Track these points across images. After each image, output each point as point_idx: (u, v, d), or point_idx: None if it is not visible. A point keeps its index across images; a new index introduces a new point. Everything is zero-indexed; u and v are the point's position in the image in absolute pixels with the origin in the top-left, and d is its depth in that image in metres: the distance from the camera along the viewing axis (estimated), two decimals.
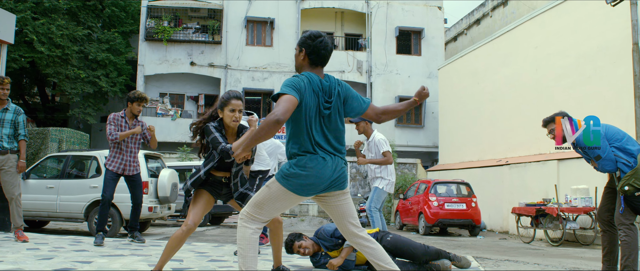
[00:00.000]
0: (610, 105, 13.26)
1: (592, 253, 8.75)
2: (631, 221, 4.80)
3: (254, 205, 3.48)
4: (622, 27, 12.83)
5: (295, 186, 3.37)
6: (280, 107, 3.13)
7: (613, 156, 4.79)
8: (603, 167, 4.87)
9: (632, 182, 4.67)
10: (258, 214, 3.46)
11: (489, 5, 30.92)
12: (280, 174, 3.40)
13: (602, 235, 5.06)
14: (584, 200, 12.06)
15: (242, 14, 24.88)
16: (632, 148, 4.81)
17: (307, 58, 3.53)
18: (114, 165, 7.37)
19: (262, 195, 3.46)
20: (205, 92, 25.35)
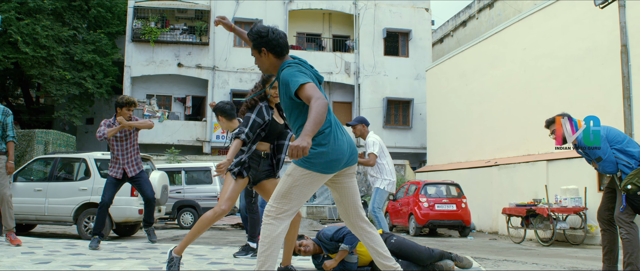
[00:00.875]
0: (598, 106, 13.36)
1: (585, 253, 8.81)
2: (631, 219, 4.84)
3: (279, 197, 3.39)
4: (610, 29, 12.95)
5: (320, 166, 3.35)
6: (316, 92, 3.16)
7: (614, 158, 4.82)
8: (604, 169, 4.90)
9: (635, 181, 4.71)
10: (286, 206, 3.38)
11: (475, 7, 31.11)
12: (303, 161, 3.34)
13: (603, 234, 5.09)
14: (574, 200, 12.16)
15: (229, 15, 24.74)
16: (633, 150, 4.85)
17: (271, 54, 3.50)
18: (113, 171, 7.27)
19: (286, 185, 3.38)
20: (192, 94, 25.20)
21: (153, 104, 24.18)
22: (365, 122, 7.29)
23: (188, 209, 15.19)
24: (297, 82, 3.23)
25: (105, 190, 7.19)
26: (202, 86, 25.06)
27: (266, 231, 3.38)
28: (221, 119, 6.13)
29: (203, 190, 15.42)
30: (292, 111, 3.48)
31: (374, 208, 7.06)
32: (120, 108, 7.25)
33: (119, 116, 7.17)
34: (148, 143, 22.66)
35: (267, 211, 3.41)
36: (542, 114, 15.53)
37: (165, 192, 12.25)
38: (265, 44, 3.49)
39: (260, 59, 3.58)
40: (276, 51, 3.51)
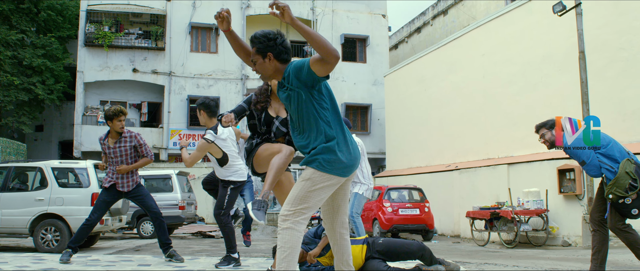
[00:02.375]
0: (556, 111, 13.65)
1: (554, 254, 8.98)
2: (624, 224, 4.93)
3: (298, 201, 3.28)
4: (567, 36, 13.31)
5: (340, 170, 3.32)
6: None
7: (597, 162, 4.90)
8: (588, 172, 4.98)
9: (613, 191, 4.80)
10: (305, 210, 3.29)
11: (429, 14, 31.60)
12: (320, 161, 3.28)
13: (593, 235, 5.15)
14: (536, 203, 12.40)
15: (186, 20, 24.34)
16: (616, 154, 4.93)
17: (277, 60, 3.41)
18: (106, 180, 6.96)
19: (303, 189, 3.28)
20: (148, 100, 24.58)
21: None
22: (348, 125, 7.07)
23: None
24: (308, 59, 3.21)
25: (95, 209, 6.84)
26: (158, 92, 24.49)
27: (286, 236, 3.25)
28: (203, 114, 6.08)
29: (163, 198, 14.99)
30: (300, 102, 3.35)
31: (353, 214, 6.97)
32: (110, 121, 6.91)
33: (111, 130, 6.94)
34: None
35: (285, 216, 3.29)
36: (501, 118, 15.94)
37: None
38: (273, 49, 3.39)
39: (263, 65, 3.43)
40: (282, 58, 3.43)
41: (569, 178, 12.52)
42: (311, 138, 3.37)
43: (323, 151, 3.31)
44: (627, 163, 4.85)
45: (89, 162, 11.22)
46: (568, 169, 12.49)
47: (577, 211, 12.11)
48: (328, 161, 3.29)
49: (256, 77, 24.86)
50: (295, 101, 3.37)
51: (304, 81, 3.28)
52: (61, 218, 10.05)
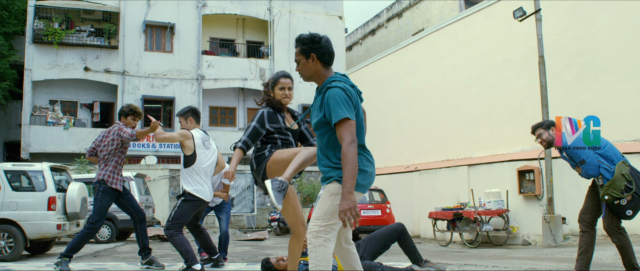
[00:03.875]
0: (515, 113, 14.04)
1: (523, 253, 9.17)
2: (619, 227, 5.04)
3: (328, 217, 3.22)
4: (525, 40, 13.64)
5: (365, 187, 3.32)
6: (350, 134, 3.15)
7: (596, 162, 5.01)
8: (587, 171, 5.06)
9: (610, 192, 4.92)
10: (335, 225, 3.24)
11: (384, 16, 31.93)
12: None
13: (581, 235, 5.25)
14: (497, 203, 12.65)
15: (140, 18, 23.73)
16: (613, 156, 5.06)
17: (320, 62, 3.40)
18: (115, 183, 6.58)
19: (333, 207, 3.22)
20: (100, 100, 23.84)
21: (57, 111, 22.62)
22: None
23: (105, 223, 14.26)
24: (339, 115, 3.18)
25: (102, 212, 6.48)
26: (111, 92, 23.79)
27: (320, 253, 3.18)
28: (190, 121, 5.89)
29: None
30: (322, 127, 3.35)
31: None
32: (124, 117, 6.68)
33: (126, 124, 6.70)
34: (52, 152, 21.18)
35: (315, 232, 3.21)
36: (460, 120, 16.21)
37: (85, 205, 11.44)
38: (316, 50, 3.38)
39: (306, 65, 3.43)
40: (325, 59, 3.41)
41: (528, 179, 12.82)
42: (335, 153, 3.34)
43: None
44: (623, 165, 4.98)
45: (45, 164, 10.75)
46: (527, 170, 12.79)
47: (537, 211, 12.42)
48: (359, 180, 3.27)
49: (212, 77, 24.52)
50: (316, 109, 3.38)
51: (326, 114, 3.31)
52: (15, 223, 9.58)
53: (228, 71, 25.02)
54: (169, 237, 5.72)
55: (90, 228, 6.34)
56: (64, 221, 10.60)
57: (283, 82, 4.50)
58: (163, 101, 24.03)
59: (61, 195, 10.59)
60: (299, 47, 3.44)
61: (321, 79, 3.43)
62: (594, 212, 5.24)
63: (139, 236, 6.66)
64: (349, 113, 3.18)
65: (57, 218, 10.37)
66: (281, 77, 4.53)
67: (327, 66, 3.44)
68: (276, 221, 19.45)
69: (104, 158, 6.59)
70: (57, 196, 10.43)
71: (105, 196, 6.47)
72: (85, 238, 6.36)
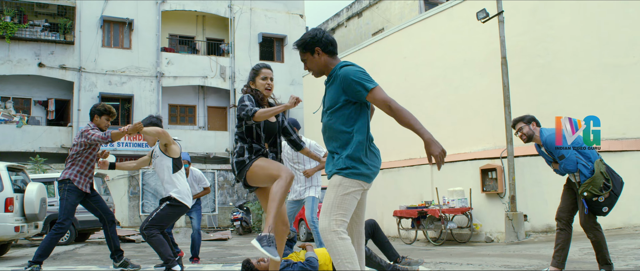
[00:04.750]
0: (477, 113, 14.30)
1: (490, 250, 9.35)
2: (595, 223, 5.18)
3: (336, 209, 3.22)
4: (487, 42, 13.90)
5: (370, 178, 3.37)
6: (387, 95, 3.28)
7: (575, 158, 5.14)
8: (565, 166, 5.16)
9: (589, 189, 5.05)
10: (346, 218, 3.24)
11: (344, 15, 32.06)
12: (355, 171, 3.28)
13: (558, 233, 5.38)
14: (461, 201, 12.86)
15: (97, 13, 23.12)
16: (590, 154, 5.20)
17: (325, 53, 3.49)
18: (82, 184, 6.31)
19: (338, 198, 3.24)
20: (55, 97, 23.10)
21: (9, 108, 21.80)
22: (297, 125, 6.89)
23: None
24: (372, 83, 3.27)
25: (69, 211, 6.21)
26: (67, 89, 23.07)
27: (339, 247, 3.15)
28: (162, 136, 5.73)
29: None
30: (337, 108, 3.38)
31: (313, 219, 6.84)
32: (98, 116, 6.42)
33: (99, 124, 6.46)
34: (5, 151, 20.42)
35: (331, 227, 3.18)
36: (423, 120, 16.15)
37: (44, 206, 11.11)
38: (319, 43, 3.47)
39: (313, 61, 3.52)
40: (329, 49, 3.50)
41: (490, 177, 13.09)
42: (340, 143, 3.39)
43: (351, 158, 3.32)
44: (600, 164, 5.13)
45: (2, 164, 10.38)
46: (490, 169, 13.06)
47: (499, 208, 12.69)
48: (363, 173, 3.32)
49: (171, 75, 24.12)
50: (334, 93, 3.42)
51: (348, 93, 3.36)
52: None
53: (188, 69, 24.65)
54: (148, 237, 5.57)
55: (58, 228, 6.12)
56: (22, 223, 10.28)
57: (265, 71, 4.47)
58: (121, 99, 23.48)
59: (19, 196, 10.25)
60: (301, 48, 3.53)
61: (330, 69, 3.51)
62: (572, 210, 5.39)
63: (110, 239, 6.47)
64: (375, 82, 3.30)
65: (14, 219, 10.05)
66: (263, 68, 4.50)
67: (333, 55, 3.53)
68: (239, 220, 19.30)
69: (72, 156, 6.38)
70: (15, 197, 10.09)
71: (71, 195, 6.24)
72: (53, 240, 6.14)
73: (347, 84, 3.30)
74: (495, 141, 13.60)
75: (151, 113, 22.66)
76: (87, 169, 6.34)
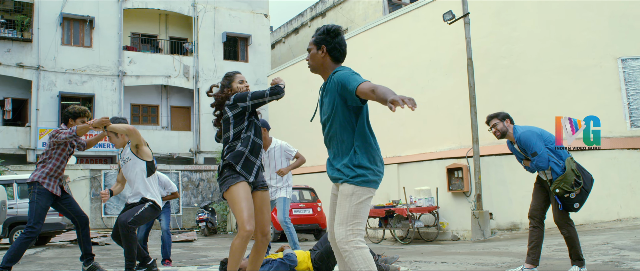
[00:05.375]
0: (442, 113, 14.51)
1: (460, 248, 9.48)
2: (568, 219, 5.30)
3: (352, 219, 3.20)
4: (453, 43, 14.13)
5: (377, 184, 3.32)
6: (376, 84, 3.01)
7: (547, 156, 5.24)
8: (537, 163, 5.25)
9: (561, 186, 5.17)
10: (361, 226, 3.23)
11: (307, 15, 32.07)
12: (365, 178, 3.23)
13: (531, 231, 5.48)
14: (427, 200, 13.03)
15: (56, 10, 22.52)
16: (561, 152, 5.32)
17: (329, 55, 3.44)
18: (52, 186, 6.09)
19: (353, 206, 3.21)
20: (12, 96, 22.36)
21: None
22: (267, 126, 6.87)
23: (22, 227, 13.45)
24: (357, 80, 3.11)
25: (39, 215, 5.95)
26: (25, 88, 22.39)
27: (359, 257, 3.12)
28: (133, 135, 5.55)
29: None
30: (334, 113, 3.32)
31: (285, 220, 6.82)
32: (73, 119, 6.20)
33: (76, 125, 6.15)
34: None
35: (348, 237, 3.16)
36: (389, 119, 16.53)
37: (4, 209, 10.78)
38: (328, 43, 3.42)
39: (315, 56, 3.47)
40: (333, 54, 3.44)
41: (457, 176, 13.30)
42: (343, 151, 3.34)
43: (360, 166, 3.28)
44: (571, 161, 5.27)
45: None
46: (456, 168, 13.26)
47: (465, 207, 12.91)
48: (372, 180, 3.29)
49: (134, 74, 23.70)
50: (329, 103, 3.35)
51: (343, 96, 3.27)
52: None
53: (151, 68, 24.25)
54: (129, 232, 5.39)
55: (28, 232, 5.91)
56: None
57: (239, 76, 4.56)
58: (82, 98, 22.92)
59: None
60: (314, 37, 3.48)
61: (327, 72, 3.46)
62: (543, 208, 5.51)
63: (82, 242, 6.28)
64: (363, 78, 3.17)
65: None
66: (236, 73, 4.59)
67: (336, 62, 3.47)
68: (204, 221, 19.10)
69: (42, 158, 6.20)
70: None
71: (41, 198, 6.04)
72: (23, 245, 5.93)
73: (341, 86, 3.23)
74: (461, 141, 13.82)
75: (113, 113, 22.23)
76: (56, 172, 6.16)
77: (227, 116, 4.24)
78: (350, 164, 3.28)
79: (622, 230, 10.01)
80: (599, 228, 10.97)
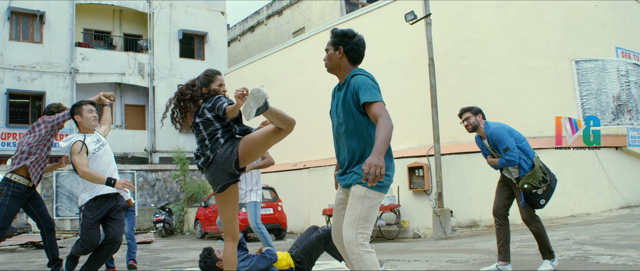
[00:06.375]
0: (403, 111, 14.67)
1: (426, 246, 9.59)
2: (534, 216, 5.44)
3: (362, 222, 3.19)
4: (413, 43, 14.32)
5: (388, 188, 3.36)
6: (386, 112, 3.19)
7: (517, 152, 5.37)
8: (510, 159, 5.36)
9: (530, 181, 5.31)
10: (369, 230, 3.23)
11: (264, 13, 31.93)
12: (379, 183, 3.23)
13: (498, 229, 5.61)
14: (389, 199, 13.15)
15: (4, 4, 21.64)
16: (529, 151, 5.46)
17: (346, 56, 3.52)
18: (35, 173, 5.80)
19: (365, 209, 3.20)
20: None
21: None
22: None
23: None
24: (374, 96, 3.22)
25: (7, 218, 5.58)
26: None
27: (369, 260, 3.12)
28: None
29: None
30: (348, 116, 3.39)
31: (257, 224, 6.76)
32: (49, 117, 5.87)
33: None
34: None
35: (358, 240, 3.14)
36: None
37: None
38: (345, 44, 3.50)
39: (332, 56, 3.54)
40: (351, 55, 3.53)
41: (418, 175, 13.47)
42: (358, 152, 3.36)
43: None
44: (538, 160, 5.44)
45: None
46: (417, 166, 13.44)
47: (426, 205, 13.10)
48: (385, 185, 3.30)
49: (86, 71, 23.05)
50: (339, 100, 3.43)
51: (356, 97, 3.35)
52: None
53: (104, 65, 23.63)
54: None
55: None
56: None
57: (220, 78, 4.48)
58: (32, 96, 22.13)
59: None
60: (331, 38, 3.56)
61: (344, 73, 3.53)
62: (507, 205, 5.67)
63: (48, 247, 6.02)
64: (380, 97, 3.27)
65: None
66: (217, 75, 4.48)
67: (353, 63, 3.56)
68: (161, 222, 18.76)
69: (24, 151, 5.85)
70: None
71: (13, 202, 5.69)
72: None
73: (357, 88, 3.30)
74: (422, 140, 14.02)
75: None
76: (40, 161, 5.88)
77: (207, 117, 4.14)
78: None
79: (578, 225, 10.35)
80: (555, 223, 11.31)
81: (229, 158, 3.95)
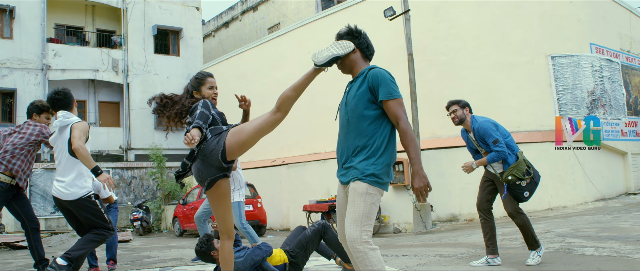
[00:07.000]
0: None
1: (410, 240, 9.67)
2: (518, 208, 5.52)
3: (365, 219, 3.17)
4: (392, 39, 14.38)
5: (388, 185, 3.35)
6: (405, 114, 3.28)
7: (505, 147, 5.45)
8: (498, 151, 5.43)
9: (514, 173, 5.40)
10: (371, 225, 3.20)
11: (238, 9, 31.74)
12: (380, 180, 3.22)
13: (483, 223, 5.70)
14: None
15: None
16: (514, 146, 5.56)
17: (361, 53, 3.58)
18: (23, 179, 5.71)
19: (367, 206, 3.18)
20: None
21: None
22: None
23: None
24: (396, 93, 3.26)
25: None
26: None
27: (374, 257, 3.09)
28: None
29: None
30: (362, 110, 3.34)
31: (242, 224, 6.73)
32: (38, 114, 5.78)
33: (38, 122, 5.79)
34: None
35: (362, 238, 3.10)
36: (327, 114, 16.61)
37: None
38: (357, 41, 3.53)
39: (346, 57, 3.54)
40: (364, 52, 3.57)
41: (397, 170, 13.55)
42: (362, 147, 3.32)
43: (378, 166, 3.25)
44: (522, 154, 5.56)
45: None
46: (397, 162, 13.51)
47: (406, 200, 13.20)
48: (385, 182, 3.29)
49: (58, 68, 22.62)
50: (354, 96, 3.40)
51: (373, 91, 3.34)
52: None
53: (77, 61, 23.20)
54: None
55: None
56: None
57: (211, 80, 4.47)
58: (2, 93, 21.64)
59: None
60: (342, 39, 3.60)
61: (357, 69, 3.56)
62: (490, 200, 5.77)
63: (33, 248, 5.90)
64: (400, 94, 3.30)
65: None
66: (208, 77, 4.47)
67: (366, 58, 3.61)
68: (139, 220, 18.55)
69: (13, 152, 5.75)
70: None
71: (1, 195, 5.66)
72: None
73: (376, 83, 3.30)
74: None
75: None
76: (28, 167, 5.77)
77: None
78: (370, 163, 3.25)
79: (556, 218, 10.55)
80: (534, 216, 11.50)
81: (215, 150, 3.86)
